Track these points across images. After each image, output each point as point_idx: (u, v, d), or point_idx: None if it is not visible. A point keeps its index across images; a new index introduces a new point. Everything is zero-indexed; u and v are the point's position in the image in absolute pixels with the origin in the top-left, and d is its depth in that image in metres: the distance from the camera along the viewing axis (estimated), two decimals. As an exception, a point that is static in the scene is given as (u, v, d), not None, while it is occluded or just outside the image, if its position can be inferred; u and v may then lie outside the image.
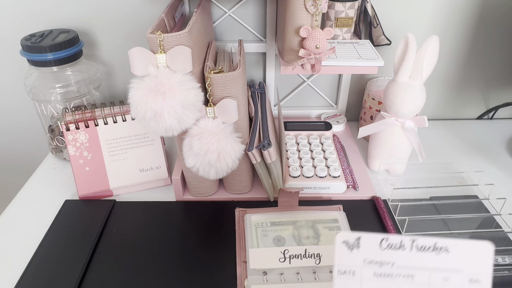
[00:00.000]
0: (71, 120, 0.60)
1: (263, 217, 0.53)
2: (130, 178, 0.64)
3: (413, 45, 0.55)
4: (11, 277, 0.51)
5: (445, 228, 0.56)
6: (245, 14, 0.71)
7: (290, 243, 0.49)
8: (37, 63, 0.65)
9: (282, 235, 0.51)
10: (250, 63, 0.76)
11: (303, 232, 0.51)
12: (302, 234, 0.51)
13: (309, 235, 0.51)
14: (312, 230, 0.51)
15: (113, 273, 0.51)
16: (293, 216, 0.53)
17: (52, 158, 0.75)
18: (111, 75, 0.80)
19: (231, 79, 0.50)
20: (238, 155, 0.53)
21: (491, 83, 0.82)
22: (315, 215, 0.53)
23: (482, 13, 0.73)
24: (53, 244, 0.55)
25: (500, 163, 0.72)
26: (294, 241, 0.50)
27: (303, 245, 0.49)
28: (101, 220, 0.59)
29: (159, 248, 0.54)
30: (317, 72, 0.56)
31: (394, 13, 0.72)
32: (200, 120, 0.50)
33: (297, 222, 0.52)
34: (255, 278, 0.44)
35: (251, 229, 0.51)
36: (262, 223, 0.52)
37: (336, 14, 0.65)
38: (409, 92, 0.58)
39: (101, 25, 0.74)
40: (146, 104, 0.44)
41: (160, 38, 0.44)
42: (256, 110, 0.62)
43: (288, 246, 0.48)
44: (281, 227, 0.52)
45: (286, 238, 0.50)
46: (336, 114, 0.81)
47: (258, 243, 0.49)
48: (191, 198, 0.63)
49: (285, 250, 0.47)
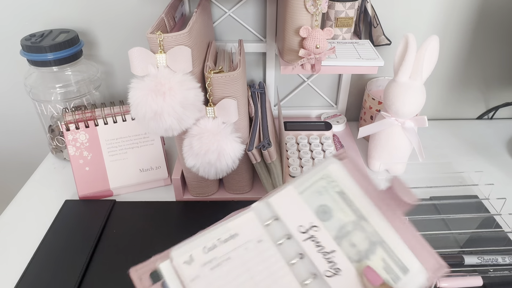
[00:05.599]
0: (71, 120, 0.60)
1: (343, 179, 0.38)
2: (130, 178, 0.64)
3: (413, 45, 0.55)
4: (11, 277, 0.51)
5: (445, 228, 0.56)
6: (245, 14, 0.71)
7: (330, 227, 0.35)
8: (37, 63, 0.65)
9: (333, 212, 0.36)
10: (250, 63, 0.76)
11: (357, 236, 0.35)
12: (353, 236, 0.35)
13: (357, 246, 0.34)
14: (367, 245, 0.35)
15: (113, 273, 0.51)
16: (370, 212, 0.36)
17: (52, 158, 0.75)
18: (111, 75, 0.80)
19: (231, 79, 0.50)
20: (238, 155, 0.53)
21: (491, 83, 0.82)
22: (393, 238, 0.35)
23: (482, 13, 0.73)
24: (53, 244, 0.55)
25: (500, 163, 0.72)
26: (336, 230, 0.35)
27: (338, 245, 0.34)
28: (101, 220, 0.59)
29: (159, 248, 0.54)
30: (317, 72, 0.56)
31: (394, 13, 0.72)
32: (200, 120, 0.50)
33: (365, 220, 0.35)
34: (263, 210, 0.36)
35: (316, 174, 0.38)
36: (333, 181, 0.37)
37: (336, 14, 0.65)
38: (409, 92, 0.58)
39: (101, 25, 0.74)
40: (146, 104, 0.44)
41: (160, 38, 0.44)
42: (256, 110, 0.62)
43: (324, 227, 0.35)
44: (343, 206, 0.36)
45: (333, 219, 0.36)
46: (336, 114, 0.81)
47: (304, 192, 0.37)
48: (191, 198, 0.63)
49: (314, 226, 0.35)
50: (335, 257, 0.34)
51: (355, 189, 0.37)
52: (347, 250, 0.34)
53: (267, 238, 0.35)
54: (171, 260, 0.34)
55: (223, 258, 0.33)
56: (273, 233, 0.35)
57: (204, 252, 0.33)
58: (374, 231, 0.35)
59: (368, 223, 0.35)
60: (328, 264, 0.33)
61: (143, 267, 0.34)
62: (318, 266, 0.33)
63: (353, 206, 0.36)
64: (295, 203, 0.36)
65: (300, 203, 0.36)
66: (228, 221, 0.35)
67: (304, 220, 0.35)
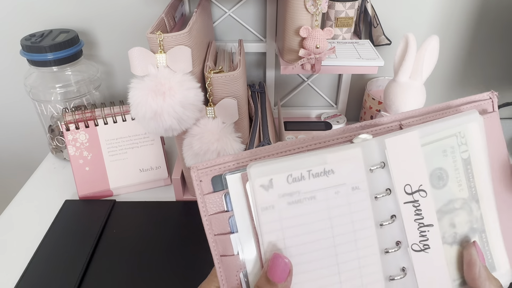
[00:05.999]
0: (71, 120, 0.60)
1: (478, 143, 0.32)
2: (130, 178, 0.64)
3: (413, 45, 0.55)
4: (11, 277, 0.51)
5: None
6: (245, 14, 0.71)
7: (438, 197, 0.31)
8: (37, 63, 0.65)
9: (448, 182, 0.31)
10: (250, 63, 0.76)
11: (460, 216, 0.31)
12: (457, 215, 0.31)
13: (457, 227, 0.31)
14: (466, 229, 0.32)
15: (113, 273, 0.51)
16: (487, 195, 0.32)
17: (52, 158, 0.75)
18: (111, 75, 0.80)
19: (231, 79, 0.50)
20: (238, 155, 0.53)
21: (491, 83, 0.82)
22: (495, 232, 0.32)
23: (482, 13, 0.73)
24: (53, 244, 0.55)
25: (500, 163, 0.71)
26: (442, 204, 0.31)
27: (437, 220, 0.30)
28: (101, 220, 0.59)
29: (159, 248, 0.54)
30: (317, 72, 0.56)
31: (394, 13, 0.72)
32: (200, 120, 0.50)
33: (476, 202, 0.32)
34: (371, 149, 0.29)
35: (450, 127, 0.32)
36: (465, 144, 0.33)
37: (336, 14, 0.65)
38: (409, 92, 0.58)
39: (101, 25, 0.74)
40: (146, 104, 0.44)
41: (160, 38, 0.44)
42: (256, 110, 0.62)
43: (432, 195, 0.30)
44: (463, 178, 0.32)
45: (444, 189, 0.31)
46: (336, 114, 0.81)
47: (427, 145, 0.32)
48: (191, 198, 0.63)
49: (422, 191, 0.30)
50: (429, 232, 0.29)
51: (484, 161, 0.31)
52: (445, 228, 0.30)
53: (365, 186, 0.29)
54: (248, 176, 0.27)
55: (307, 196, 0.28)
56: (373, 182, 0.29)
57: (288, 181, 0.27)
58: (479, 217, 0.31)
59: (478, 206, 0.31)
60: (419, 238, 0.29)
61: (207, 167, 0.28)
62: (408, 236, 0.29)
63: (472, 182, 0.31)
64: (413, 154, 0.29)
65: (418, 157, 0.29)
66: (327, 151, 0.28)
67: (415, 179, 0.29)
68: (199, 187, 0.28)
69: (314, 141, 0.29)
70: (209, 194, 0.28)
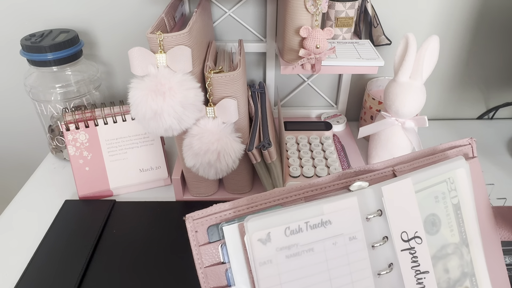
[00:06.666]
0: (71, 120, 0.60)
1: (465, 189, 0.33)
2: (130, 178, 0.64)
3: (413, 45, 0.55)
4: (11, 277, 0.51)
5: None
6: (245, 14, 0.71)
7: (432, 243, 0.31)
8: (37, 63, 0.65)
9: (441, 228, 0.32)
10: (250, 63, 0.76)
11: (453, 261, 0.32)
12: (449, 261, 0.32)
13: (450, 272, 0.31)
14: (458, 274, 0.31)
15: (113, 273, 0.51)
16: (474, 239, 0.33)
17: (52, 158, 0.75)
18: (111, 75, 0.80)
19: (231, 79, 0.50)
20: (238, 155, 0.53)
21: (491, 83, 0.82)
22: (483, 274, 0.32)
23: (482, 13, 0.73)
24: (53, 244, 0.55)
25: (500, 163, 0.72)
26: (436, 249, 0.31)
27: (432, 266, 0.31)
28: (101, 220, 0.59)
29: (159, 248, 0.54)
30: (317, 72, 0.56)
31: (394, 13, 0.72)
32: (200, 120, 0.50)
33: (466, 247, 0.32)
34: (368, 197, 0.30)
35: (440, 174, 0.33)
36: (455, 189, 0.33)
37: (336, 14, 0.65)
38: (409, 92, 0.58)
39: (101, 25, 0.74)
40: (146, 104, 0.44)
41: (160, 38, 0.44)
42: (256, 110, 0.62)
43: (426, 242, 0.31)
44: (453, 223, 0.32)
45: (437, 235, 0.32)
46: (336, 114, 0.81)
47: (420, 192, 0.32)
48: (191, 198, 0.63)
49: (418, 238, 0.31)
50: (425, 279, 0.29)
51: (472, 205, 0.31)
52: (440, 274, 0.30)
53: (362, 236, 0.28)
54: (245, 230, 0.27)
55: (305, 248, 0.27)
56: (370, 230, 0.29)
57: (286, 234, 0.27)
58: (470, 261, 0.31)
59: (468, 250, 0.31)
60: (416, 285, 0.29)
61: (203, 216, 0.29)
62: (406, 284, 0.29)
63: (462, 227, 0.31)
64: (408, 201, 0.29)
65: (413, 204, 0.30)
66: (324, 201, 0.28)
67: (410, 226, 0.29)
68: (195, 237, 0.28)
69: (311, 187, 0.29)
70: (205, 245, 0.28)
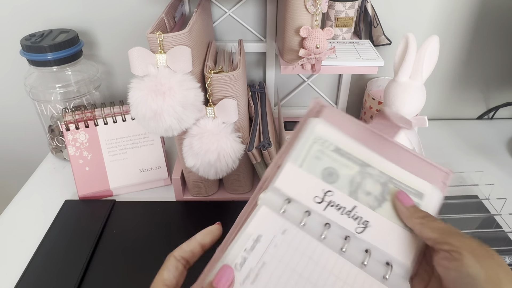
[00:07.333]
0: (71, 120, 0.60)
1: (333, 134, 0.37)
2: (130, 178, 0.64)
3: (413, 45, 0.55)
4: (11, 277, 0.51)
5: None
6: (245, 14, 0.71)
7: (341, 186, 0.35)
8: (37, 63, 0.65)
9: (338, 171, 0.35)
10: (250, 63, 0.76)
11: (367, 184, 0.35)
12: (365, 185, 0.35)
13: (372, 192, 0.35)
14: (380, 188, 0.35)
15: (113, 273, 0.51)
16: (370, 156, 0.36)
17: (52, 158, 0.75)
18: (111, 75, 0.80)
19: (231, 79, 0.50)
20: (238, 155, 0.53)
21: (491, 83, 0.82)
22: (398, 171, 0.36)
23: (482, 13, 0.73)
24: (53, 244, 0.55)
25: (500, 163, 0.72)
26: (348, 187, 0.35)
27: (356, 200, 0.34)
28: (101, 220, 0.59)
29: (159, 248, 0.54)
30: (317, 72, 0.56)
31: (394, 13, 0.72)
32: (200, 120, 0.50)
33: (368, 166, 0.36)
34: (272, 199, 0.34)
35: (307, 140, 0.37)
36: (326, 141, 0.37)
37: (336, 14, 0.65)
38: (409, 92, 0.58)
39: (101, 25, 0.74)
40: (146, 104, 0.44)
41: (160, 38, 0.44)
42: (256, 110, 0.62)
43: (336, 188, 0.35)
44: (344, 161, 0.36)
45: (340, 177, 0.35)
46: (336, 114, 0.81)
47: (303, 163, 0.36)
48: (191, 198, 0.63)
49: (328, 192, 0.34)
50: (358, 212, 0.33)
51: (347, 139, 0.36)
52: (365, 200, 0.34)
53: (289, 225, 0.32)
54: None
55: (258, 267, 0.31)
56: (292, 217, 0.33)
57: (237, 269, 0.31)
58: (380, 173, 0.35)
59: (372, 167, 0.35)
60: (355, 221, 0.33)
61: None
62: (347, 227, 0.32)
63: (352, 157, 0.36)
64: (300, 177, 0.34)
65: (305, 176, 0.34)
66: (245, 226, 0.33)
67: (315, 190, 0.34)
68: None
69: (236, 226, 0.34)
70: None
